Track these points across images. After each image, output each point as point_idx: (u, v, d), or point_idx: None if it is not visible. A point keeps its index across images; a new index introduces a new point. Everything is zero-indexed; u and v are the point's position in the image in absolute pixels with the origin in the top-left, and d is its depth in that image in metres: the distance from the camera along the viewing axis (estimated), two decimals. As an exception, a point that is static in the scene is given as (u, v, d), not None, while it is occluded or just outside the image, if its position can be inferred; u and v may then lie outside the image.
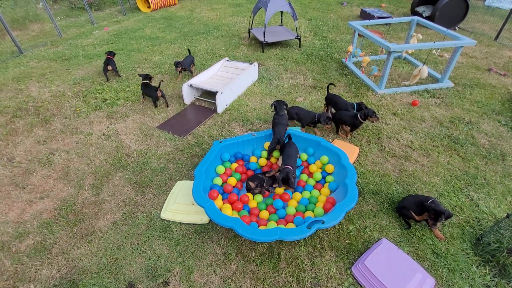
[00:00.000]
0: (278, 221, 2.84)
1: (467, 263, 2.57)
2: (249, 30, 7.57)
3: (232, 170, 3.46)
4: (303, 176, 3.38)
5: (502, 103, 4.74)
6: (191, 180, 3.44)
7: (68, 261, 2.72)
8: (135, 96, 5.22)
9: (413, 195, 3.05)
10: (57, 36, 8.34)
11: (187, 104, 5.02)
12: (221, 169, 3.37)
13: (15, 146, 4.16)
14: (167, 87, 5.49)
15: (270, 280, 2.52)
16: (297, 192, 3.19)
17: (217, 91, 4.55)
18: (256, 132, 3.72)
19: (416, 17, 5.74)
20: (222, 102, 4.69)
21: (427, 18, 7.72)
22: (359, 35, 5.67)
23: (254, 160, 3.56)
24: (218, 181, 3.23)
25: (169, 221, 3.03)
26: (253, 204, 3.05)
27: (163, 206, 3.18)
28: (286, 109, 3.76)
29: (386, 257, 2.49)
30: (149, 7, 10.46)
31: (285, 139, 3.54)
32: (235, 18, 9.35)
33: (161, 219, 3.06)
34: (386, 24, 7.89)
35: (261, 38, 6.77)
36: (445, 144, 3.93)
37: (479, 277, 2.47)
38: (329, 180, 3.24)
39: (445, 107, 4.68)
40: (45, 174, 3.69)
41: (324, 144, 3.46)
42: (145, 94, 4.99)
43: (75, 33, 8.56)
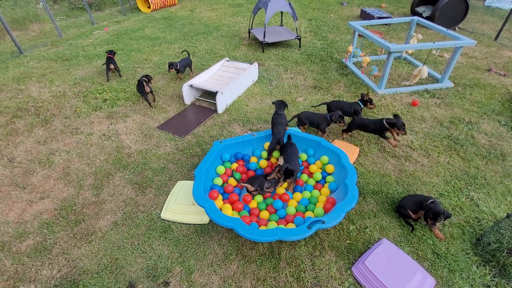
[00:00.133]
0: (278, 221, 2.84)
1: (467, 263, 2.57)
2: (249, 30, 7.57)
3: (233, 170, 3.46)
4: (303, 176, 3.38)
5: (502, 103, 4.75)
6: (191, 180, 3.45)
7: (68, 261, 2.72)
8: (135, 96, 5.22)
9: (413, 195, 3.06)
10: (57, 36, 8.34)
11: (187, 104, 5.02)
12: (221, 169, 3.37)
13: (15, 146, 4.16)
14: (167, 88, 5.50)
15: (271, 280, 2.52)
16: (297, 192, 3.19)
17: (217, 91, 4.56)
18: (256, 132, 3.72)
19: (416, 17, 5.74)
20: (222, 102, 4.69)
21: (427, 18, 7.73)
22: (359, 35, 5.68)
23: (255, 160, 3.56)
24: (219, 181, 3.23)
25: (169, 221, 3.03)
26: (254, 204, 3.05)
27: (163, 206, 3.18)
28: (297, 115, 3.87)
29: (387, 257, 2.50)
30: (149, 7, 10.46)
31: (284, 139, 3.54)
32: (235, 18, 9.35)
33: (161, 219, 3.06)
34: (386, 24, 7.90)
35: (261, 38, 6.77)
36: (445, 144, 3.93)
37: (479, 277, 2.47)
38: (329, 180, 3.24)
39: (445, 107, 4.68)
40: (46, 174, 3.69)
41: (324, 144, 3.46)
42: (138, 91, 5.00)
43: (75, 33, 8.56)
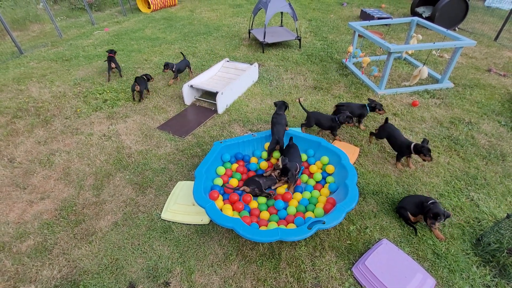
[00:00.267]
0: (278, 221, 2.84)
1: (467, 263, 2.58)
2: (249, 30, 7.58)
3: (233, 171, 3.46)
4: (303, 176, 3.38)
5: (502, 103, 4.75)
6: (191, 180, 3.45)
7: (69, 261, 2.72)
8: (136, 96, 5.22)
9: (413, 195, 3.06)
10: (57, 36, 8.34)
11: (187, 104, 5.03)
12: (221, 169, 3.37)
13: (15, 146, 4.17)
14: (167, 88, 5.50)
15: (271, 280, 2.52)
16: (297, 192, 3.20)
17: (217, 92, 4.56)
18: (256, 133, 3.73)
19: (416, 18, 5.75)
20: (223, 102, 4.70)
21: (427, 18, 7.73)
22: (359, 35, 5.68)
23: (255, 161, 3.56)
24: (219, 181, 3.24)
25: (169, 221, 3.04)
26: (254, 204, 3.06)
27: (163, 206, 3.18)
28: (307, 113, 3.95)
29: (387, 257, 2.50)
30: (149, 7, 10.47)
31: (285, 140, 3.54)
32: (235, 19, 9.36)
33: (161, 219, 3.06)
34: (386, 24, 7.90)
35: (261, 39, 6.78)
36: (445, 145, 3.93)
37: (479, 277, 2.47)
38: (330, 181, 3.25)
39: (445, 108, 4.68)
40: (46, 174, 3.70)
41: (325, 144, 3.47)
42: (132, 90, 5.06)
43: (75, 34, 8.57)
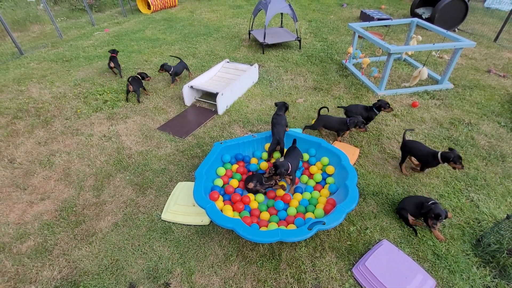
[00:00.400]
0: (279, 222, 2.85)
1: (467, 264, 2.58)
2: (249, 31, 7.59)
3: (233, 172, 3.47)
4: (303, 177, 3.39)
5: (501, 104, 4.76)
6: (192, 181, 3.45)
7: (69, 262, 2.72)
8: (136, 97, 5.23)
9: (413, 196, 3.06)
10: (57, 37, 8.35)
11: (187, 105, 5.03)
12: (221, 170, 3.38)
13: (15, 147, 4.17)
14: (168, 89, 5.50)
15: (271, 281, 2.52)
16: (298, 193, 3.20)
17: (217, 93, 4.56)
18: (256, 134, 3.73)
19: (416, 19, 5.76)
20: (223, 103, 4.70)
21: (426, 19, 7.74)
22: (359, 36, 5.69)
23: (255, 162, 3.56)
24: (219, 182, 3.24)
25: (170, 222, 3.04)
26: (254, 205, 3.06)
27: (164, 207, 3.18)
28: (317, 121, 3.97)
29: (387, 258, 2.50)
30: (149, 8, 10.49)
31: (286, 142, 3.54)
32: (235, 20, 9.37)
33: (162, 220, 3.06)
34: (386, 25, 7.90)
35: (261, 40, 6.79)
36: (445, 145, 3.93)
37: (480, 278, 2.48)
38: (330, 182, 3.25)
39: (445, 109, 4.69)
40: (46, 175, 3.70)
41: (325, 145, 3.47)
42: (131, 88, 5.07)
43: (75, 35, 8.58)
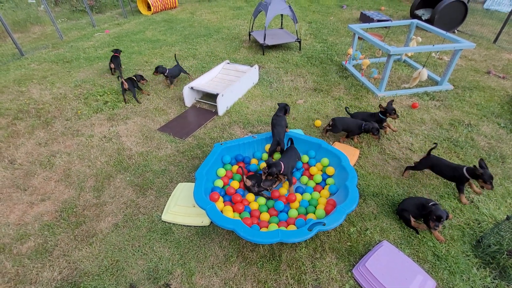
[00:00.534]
0: (279, 223, 2.85)
1: (467, 265, 2.58)
2: (249, 32, 7.61)
3: (233, 173, 3.47)
4: (303, 178, 3.39)
5: (501, 105, 4.77)
6: (192, 182, 3.45)
7: (69, 263, 2.72)
8: (132, 95, 5.23)
9: (413, 197, 3.07)
10: (58, 38, 8.37)
11: (188, 106, 5.04)
12: (222, 171, 3.38)
13: (16, 148, 4.17)
14: (168, 90, 5.51)
15: (271, 282, 2.52)
16: (297, 193, 3.21)
17: (218, 94, 4.57)
18: (256, 134, 3.74)
19: (416, 20, 5.77)
20: (223, 104, 4.71)
21: (426, 21, 7.77)
22: (359, 38, 5.71)
23: (255, 162, 3.57)
24: (219, 183, 3.24)
25: (170, 223, 3.04)
26: (255, 206, 3.06)
27: (164, 208, 3.18)
28: (332, 123, 3.98)
29: (387, 259, 2.50)
30: (149, 10, 10.51)
31: (286, 142, 3.55)
32: (235, 21, 9.39)
33: (162, 221, 3.07)
34: (386, 27, 7.93)
35: (261, 41, 6.80)
36: (445, 147, 3.94)
37: (480, 279, 2.48)
38: (330, 183, 3.25)
39: (445, 110, 4.70)
40: (46, 176, 3.70)
41: (325, 146, 3.48)
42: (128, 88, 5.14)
43: (76, 36, 8.60)
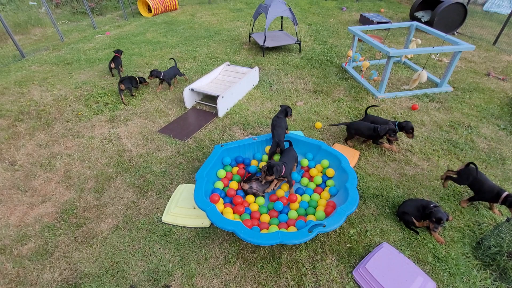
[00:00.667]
0: (279, 224, 2.85)
1: (467, 267, 2.58)
2: (249, 34, 7.63)
3: (234, 174, 3.48)
4: (303, 180, 3.39)
5: (501, 107, 4.78)
6: (192, 184, 3.46)
7: (69, 264, 2.72)
8: (137, 100, 5.25)
9: (413, 199, 3.07)
10: (59, 40, 8.39)
11: (188, 108, 5.05)
12: (222, 173, 3.39)
13: (17, 149, 4.18)
14: (168, 92, 5.53)
15: (272, 284, 2.52)
16: (297, 194, 3.22)
17: (218, 95, 4.59)
18: (257, 136, 3.75)
19: (415, 22, 5.79)
20: (223, 106, 4.72)
21: (426, 23, 7.80)
22: (358, 40, 5.73)
23: (255, 164, 3.57)
24: (220, 185, 3.25)
25: (170, 224, 3.04)
26: (255, 207, 3.06)
27: (164, 209, 3.19)
28: (346, 124, 3.99)
29: (387, 261, 2.50)
30: (150, 12, 10.55)
31: (285, 143, 3.56)
32: (235, 23, 9.42)
33: (162, 222, 3.07)
34: (386, 29, 7.96)
35: (261, 43, 6.83)
36: (445, 148, 3.95)
37: (480, 281, 2.48)
38: (330, 184, 3.26)
39: (445, 111, 4.71)
40: (47, 177, 3.71)
41: (325, 148, 3.48)
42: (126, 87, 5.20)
43: (77, 38, 8.62)
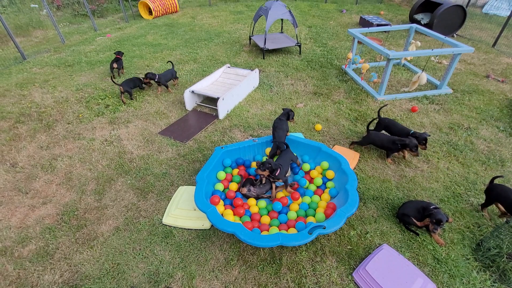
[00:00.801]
0: (279, 226, 2.86)
1: (467, 269, 2.58)
2: (250, 37, 7.67)
3: (234, 176, 3.48)
4: (302, 181, 3.40)
5: (500, 109, 4.79)
6: (193, 185, 3.47)
7: (70, 266, 2.73)
8: (137, 102, 5.27)
9: (413, 201, 3.08)
10: (60, 42, 8.44)
11: (188, 110, 5.07)
12: (222, 174, 3.40)
13: (18, 151, 4.19)
14: (169, 94, 5.55)
15: (272, 285, 2.52)
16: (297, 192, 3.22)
17: (218, 97, 4.61)
18: (257, 138, 3.76)
19: (415, 25, 5.82)
20: (224, 108, 4.74)
21: (425, 25, 7.83)
22: (358, 42, 5.75)
23: (255, 166, 3.58)
24: (220, 186, 3.26)
25: (171, 226, 3.05)
26: (255, 209, 3.07)
27: (165, 211, 3.20)
28: (363, 138, 3.94)
29: (387, 262, 2.51)
30: (151, 14, 10.60)
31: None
32: (236, 25, 9.47)
33: (163, 224, 3.08)
34: (385, 31, 7.99)
35: (262, 45, 6.85)
36: (444, 150, 3.96)
37: (480, 283, 2.48)
38: (330, 186, 3.27)
39: (444, 113, 4.72)
40: (48, 179, 3.72)
41: (325, 150, 3.49)
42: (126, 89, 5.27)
43: (78, 40, 8.66)
